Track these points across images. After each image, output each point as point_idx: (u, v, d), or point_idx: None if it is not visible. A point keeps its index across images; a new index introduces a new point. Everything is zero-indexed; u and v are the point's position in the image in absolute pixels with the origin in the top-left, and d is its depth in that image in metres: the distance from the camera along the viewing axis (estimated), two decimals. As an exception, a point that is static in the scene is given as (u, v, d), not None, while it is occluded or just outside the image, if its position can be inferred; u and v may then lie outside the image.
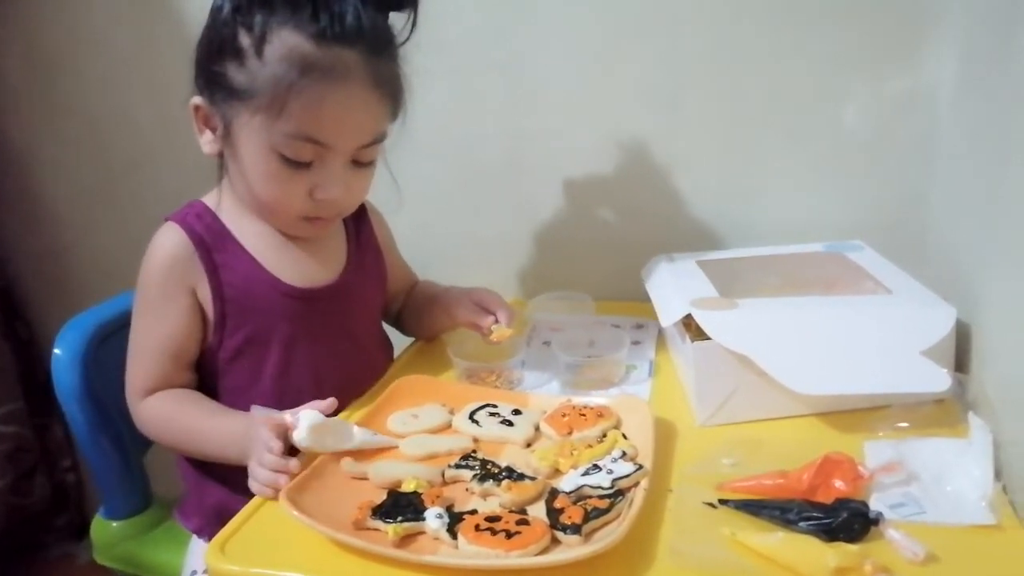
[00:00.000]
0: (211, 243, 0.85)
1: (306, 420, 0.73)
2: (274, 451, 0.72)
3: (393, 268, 1.03)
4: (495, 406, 0.84)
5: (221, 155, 0.84)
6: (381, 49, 0.79)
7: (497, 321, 0.94)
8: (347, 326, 0.92)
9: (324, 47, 0.75)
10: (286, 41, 0.75)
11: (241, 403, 0.85)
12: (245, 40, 0.76)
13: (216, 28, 0.78)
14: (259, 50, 0.75)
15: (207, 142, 0.83)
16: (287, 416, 0.75)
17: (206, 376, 0.89)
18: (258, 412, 0.77)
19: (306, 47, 0.75)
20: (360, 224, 0.97)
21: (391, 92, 0.82)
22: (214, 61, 0.78)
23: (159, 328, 0.85)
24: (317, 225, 0.86)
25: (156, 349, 0.85)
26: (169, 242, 0.84)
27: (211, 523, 0.88)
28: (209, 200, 0.88)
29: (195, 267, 0.84)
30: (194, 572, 0.91)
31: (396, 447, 0.79)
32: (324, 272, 0.90)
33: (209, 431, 0.83)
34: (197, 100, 0.81)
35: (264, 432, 0.73)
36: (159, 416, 0.86)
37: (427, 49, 1.16)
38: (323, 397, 0.84)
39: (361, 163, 0.83)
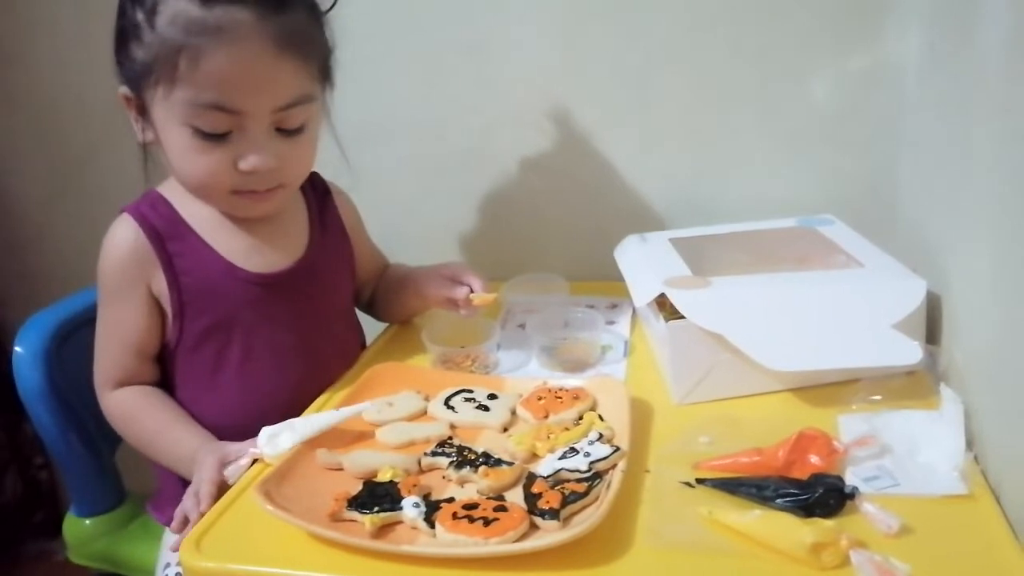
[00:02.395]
0: (164, 232, 0.84)
1: (263, 436, 0.74)
2: (199, 507, 0.73)
3: (363, 253, 1.01)
4: (470, 391, 0.83)
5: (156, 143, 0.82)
6: (278, 7, 0.76)
7: (472, 291, 0.93)
8: (312, 310, 0.91)
9: (208, 8, 0.73)
10: (173, 7, 0.74)
11: (206, 393, 0.84)
12: (139, 16, 0.75)
13: (119, 13, 0.78)
14: (151, 22, 0.74)
15: (140, 131, 0.82)
16: (244, 458, 0.75)
17: (170, 366, 0.88)
18: (208, 453, 0.77)
19: (192, 10, 0.73)
20: (324, 206, 0.96)
21: (302, 51, 0.78)
22: (121, 45, 0.78)
23: (119, 322, 0.85)
24: (251, 199, 0.83)
25: (118, 343, 0.85)
26: (120, 236, 0.84)
27: None
28: (164, 188, 0.87)
29: (149, 259, 0.83)
30: (168, 565, 0.90)
31: (362, 417, 0.79)
32: (283, 256, 0.89)
33: (164, 441, 0.84)
34: (123, 90, 0.80)
35: (204, 487, 0.74)
36: (122, 413, 0.87)
37: (392, 31, 1.15)
38: (288, 384, 0.86)
39: (287, 130, 0.80)
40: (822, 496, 0.61)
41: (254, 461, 0.74)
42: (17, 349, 0.96)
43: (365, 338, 1.04)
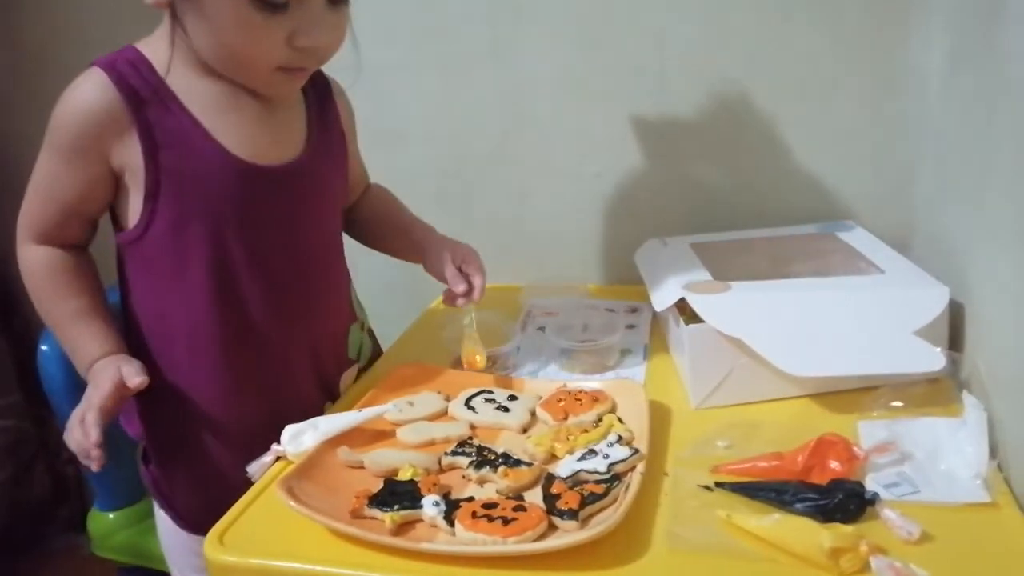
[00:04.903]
0: (146, 97, 0.74)
1: (286, 434, 0.75)
2: (91, 438, 0.71)
3: (351, 161, 0.93)
4: (491, 392, 0.84)
5: (171, 6, 0.72)
6: None
7: (471, 289, 0.87)
8: (302, 215, 0.83)
9: None
10: None
11: (167, 294, 0.79)
12: None
13: None
14: None
15: None
16: (267, 456, 0.74)
17: (126, 252, 0.80)
18: (105, 379, 0.74)
19: None
20: (324, 101, 0.87)
21: None
22: None
23: (60, 180, 0.76)
24: (298, 76, 0.77)
25: (54, 198, 0.77)
26: (90, 92, 0.73)
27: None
28: (146, 49, 0.76)
29: (121, 125, 0.73)
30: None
31: (384, 416, 0.79)
32: (279, 150, 0.80)
33: (68, 330, 0.79)
34: None
35: (91, 415, 0.72)
36: (36, 275, 0.80)
37: (415, 37, 1.16)
38: (264, 292, 0.80)
39: (336, 1, 0.74)
40: (842, 501, 0.61)
41: (277, 459, 0.75)
42: (42, 347, 0.99)
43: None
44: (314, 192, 0.84)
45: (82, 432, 0.72)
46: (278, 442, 0.75)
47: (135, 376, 0.75)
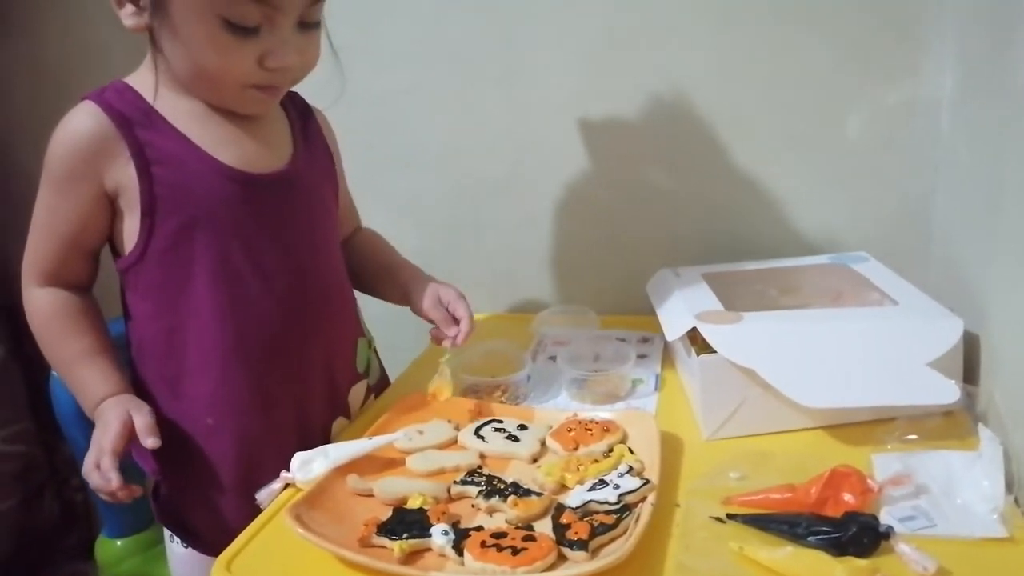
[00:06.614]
0: (134, 119, 0.76)
1: (296, 461, 0.75)
2: (112, 482, 0.73)
3: (340, 191, 0.95)
4: (501, 421, 0.84)
5: (149, 29, 0.75)
6: None
7: (457, 328, 0.90)
8: (298, 224, 0.84)
9: None
10: None
11: (172, 312, 0.79)
12: None
13: None
14: None
15: (128, 15, 0.74)
16: (276, 483, 0.75)
17: (131, 285, 0.81)
18: (114, 417, 0.76)
19: None
20: (306, 120, 0.90)
21: None
22: None
23: (60, 212, 0.78)
24: (269, 94, 0.79)
25: (55, 233, 0.79)
26: (81, 122, 0.76)
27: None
28: (133, 80, 0.80)
29: (113, 148, 0.75)
30: (172, 536, 0.89)
31: (393, 444, 0.79)
32: (267, 158, 0.82)
33: (76, 371, 0.80)
34: None
35: (106, 460, 0.73)
36: (40, 316, 0.81)
37: (426, 62, 1.18)
38: (272, 301, 0.81)
39: (308, 24, 0.76)
40: (856, 535, 0.60)
41: (286, 486, 0.75)
42: (54, 373, 0.99)
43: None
44: (307, 199, 0.86)
45: (101, 477, 0.74)
46: (287, 469, 0.75)
47: (148, 437, 0.75)
